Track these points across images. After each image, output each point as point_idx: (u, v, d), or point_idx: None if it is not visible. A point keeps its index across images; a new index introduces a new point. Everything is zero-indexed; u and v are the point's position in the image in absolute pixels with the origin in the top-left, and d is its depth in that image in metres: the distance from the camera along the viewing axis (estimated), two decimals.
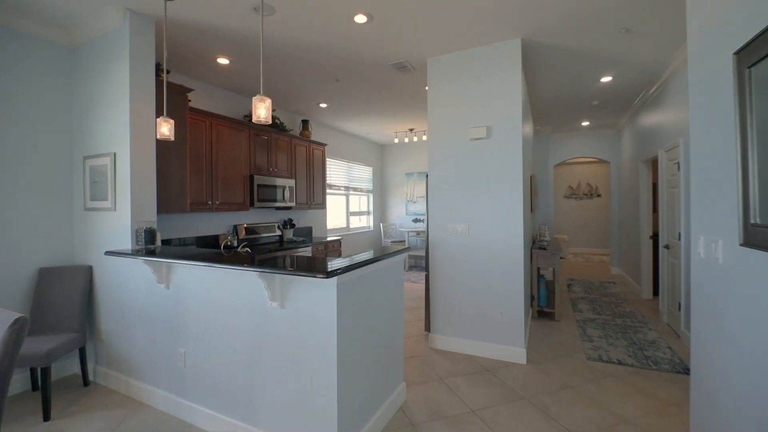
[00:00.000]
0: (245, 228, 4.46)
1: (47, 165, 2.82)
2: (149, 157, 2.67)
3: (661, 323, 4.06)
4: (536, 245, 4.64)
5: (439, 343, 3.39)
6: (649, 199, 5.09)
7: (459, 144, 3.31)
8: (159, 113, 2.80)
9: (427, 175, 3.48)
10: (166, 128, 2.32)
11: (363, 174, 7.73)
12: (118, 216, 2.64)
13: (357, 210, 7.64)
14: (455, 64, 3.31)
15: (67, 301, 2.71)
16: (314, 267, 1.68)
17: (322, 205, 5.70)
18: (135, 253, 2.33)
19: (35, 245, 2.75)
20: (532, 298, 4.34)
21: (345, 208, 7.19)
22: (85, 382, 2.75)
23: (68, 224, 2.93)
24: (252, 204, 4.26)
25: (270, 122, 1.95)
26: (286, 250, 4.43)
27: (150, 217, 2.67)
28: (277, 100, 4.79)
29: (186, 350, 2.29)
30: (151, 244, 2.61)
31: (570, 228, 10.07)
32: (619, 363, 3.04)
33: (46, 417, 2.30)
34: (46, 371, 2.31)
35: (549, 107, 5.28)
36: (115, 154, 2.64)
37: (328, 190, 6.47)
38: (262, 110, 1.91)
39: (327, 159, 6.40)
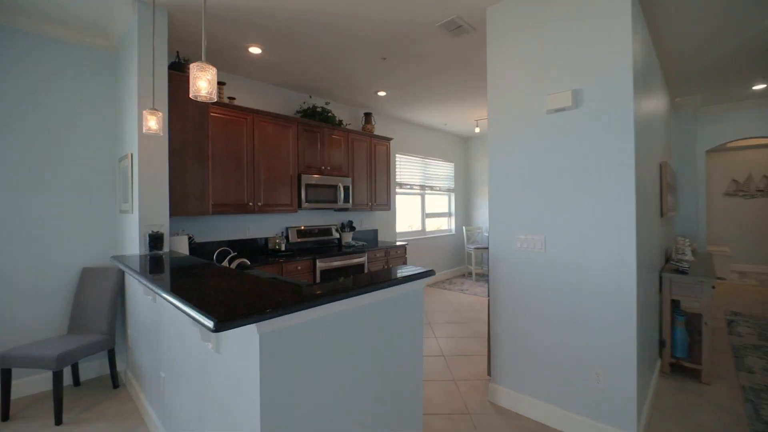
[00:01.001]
0: (298, 231, 4.20)
1: (96, 168, 2.91)
2: (160, 157, 2.50)
3: None
4: (670, 266, 3.21)
5: (501, 398, 2.47)
6: None
7: (530, 120, 2.33)
8: (173, 109, 2.62)
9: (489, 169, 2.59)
10: (153, 122, 2.06)
11: (442, 171, 6.90)
12: (134, 219, 2.53)
13: (436, 211, 6.86)
14: (523, 7, 2.34)
15: (98, 302, 2.73)
16: (215, 305, 1.10)
17: (387, 206, 5.14)
18: (140, 264, 2.13)
19: (81, 245, 2.85)
20: (662, 344, 2.97)
21: (420, 209, 6.50)
22: (114, 384, 2.73)
23: (111, 225, 3.01)
24: (300, 205, 3.96)
25: (215, 99, 1.46)
26: (345, 256, 4.01)
27: (160, 220, 2.49)
28: (333, 92, 4.41)
29: (166, 375, 1.98)
30: (157, 250, 2.43)
31: (734, 237, 7.37)
32: None
33: (58, 421, 2.28)
34: (58, 376, 2.28)
35: (693, 66, 3.66)
36: (132, 154, 2.53)
37: (397, 189, 5.88)
38: (203, 82, 1.42)
39: (396, 155, 5.82)
